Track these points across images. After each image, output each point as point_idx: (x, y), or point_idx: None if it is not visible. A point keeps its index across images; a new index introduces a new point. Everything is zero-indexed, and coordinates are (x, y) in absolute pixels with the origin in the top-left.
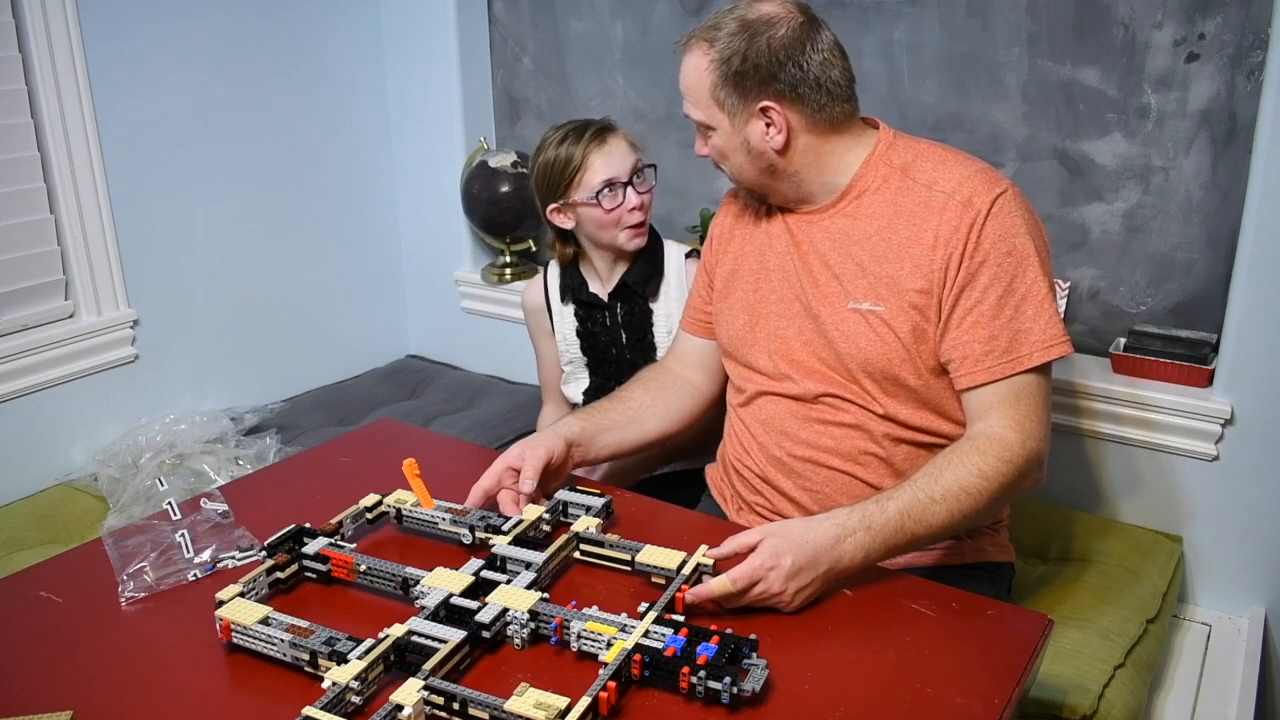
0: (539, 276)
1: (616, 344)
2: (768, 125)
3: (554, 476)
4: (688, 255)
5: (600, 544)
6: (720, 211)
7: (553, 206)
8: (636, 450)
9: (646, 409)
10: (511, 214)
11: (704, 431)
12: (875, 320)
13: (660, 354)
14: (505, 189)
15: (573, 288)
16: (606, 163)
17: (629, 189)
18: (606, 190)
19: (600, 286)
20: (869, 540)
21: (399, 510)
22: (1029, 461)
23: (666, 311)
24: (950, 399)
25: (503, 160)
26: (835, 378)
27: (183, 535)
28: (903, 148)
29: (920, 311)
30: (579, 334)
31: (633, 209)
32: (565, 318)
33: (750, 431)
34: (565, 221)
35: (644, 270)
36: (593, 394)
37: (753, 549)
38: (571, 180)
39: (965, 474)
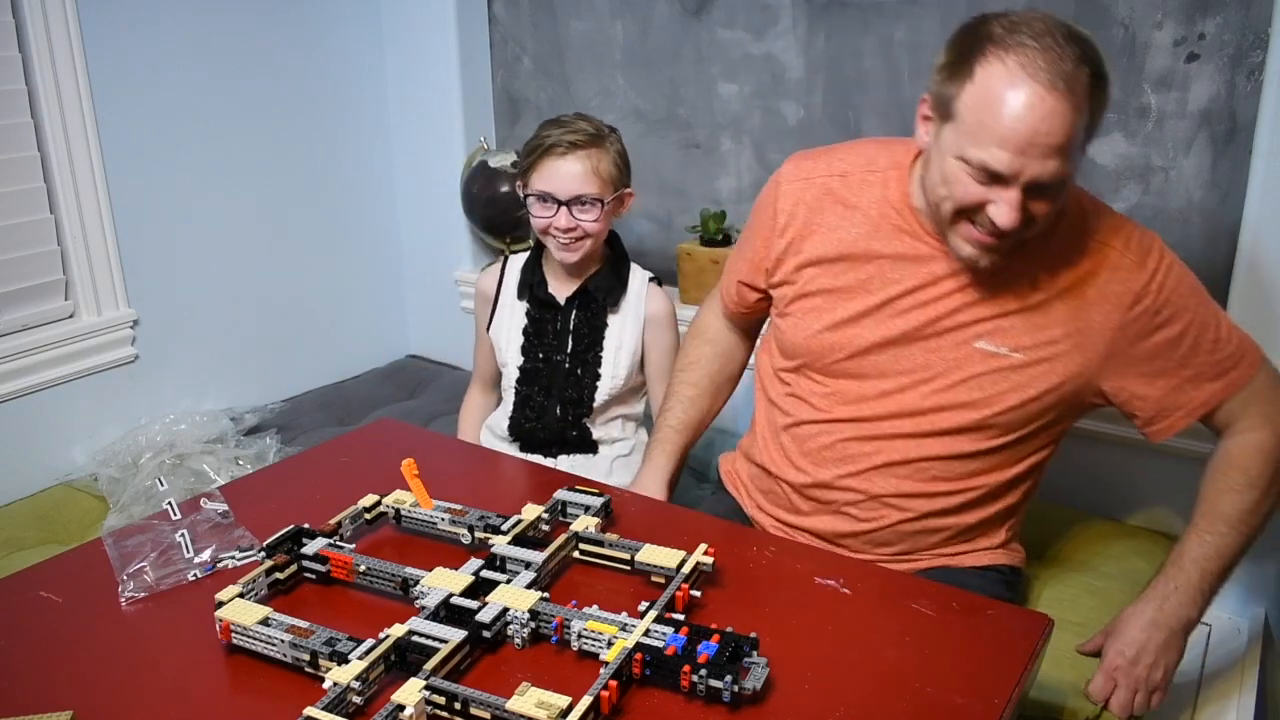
0: (498, 264)
1: (561, 350)
2: None
3: None
4: (650, 280)
5: (600, 543)
6: (790, 191)
7: (519, 182)
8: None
9: (721, 387)
10: (512, 214)
11: None
12: (1006, 364)
13: (604, 367)
14: (505, 189)
15: (532, 284)
16: (546, 176)
17: (564, 209)
18: (539, 199)
19: (559, 288)
20: (1180, 599)
21: (398, 510)
22: None
23: (620, 328)
24: (1030, 444)
25: (503, 160)
26: (923, 417)
27: (183, 535)
28: None
29: (1064, 362)
30: (525, 332)
31: (562, 229)
32: (515, 314)
33: (802, 450)
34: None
35: (608, 280)
36: (515, 419)
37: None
38: (527, 170)
39: (1238, 497)
